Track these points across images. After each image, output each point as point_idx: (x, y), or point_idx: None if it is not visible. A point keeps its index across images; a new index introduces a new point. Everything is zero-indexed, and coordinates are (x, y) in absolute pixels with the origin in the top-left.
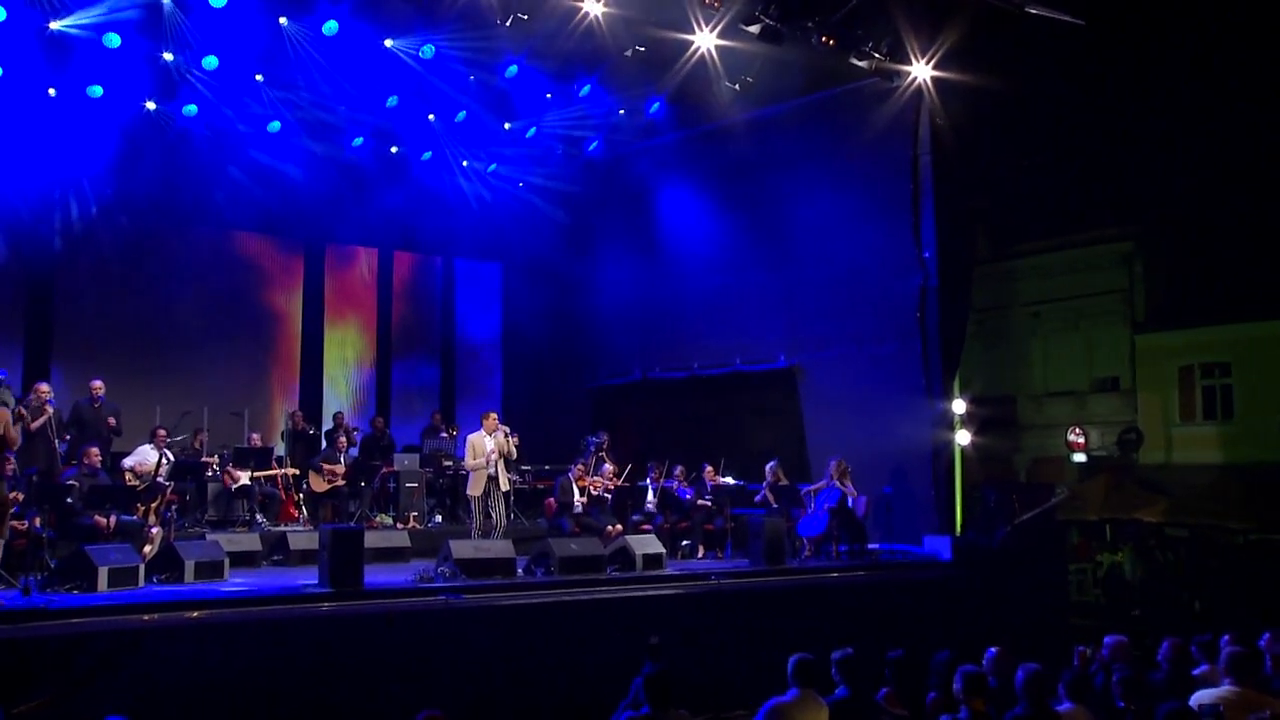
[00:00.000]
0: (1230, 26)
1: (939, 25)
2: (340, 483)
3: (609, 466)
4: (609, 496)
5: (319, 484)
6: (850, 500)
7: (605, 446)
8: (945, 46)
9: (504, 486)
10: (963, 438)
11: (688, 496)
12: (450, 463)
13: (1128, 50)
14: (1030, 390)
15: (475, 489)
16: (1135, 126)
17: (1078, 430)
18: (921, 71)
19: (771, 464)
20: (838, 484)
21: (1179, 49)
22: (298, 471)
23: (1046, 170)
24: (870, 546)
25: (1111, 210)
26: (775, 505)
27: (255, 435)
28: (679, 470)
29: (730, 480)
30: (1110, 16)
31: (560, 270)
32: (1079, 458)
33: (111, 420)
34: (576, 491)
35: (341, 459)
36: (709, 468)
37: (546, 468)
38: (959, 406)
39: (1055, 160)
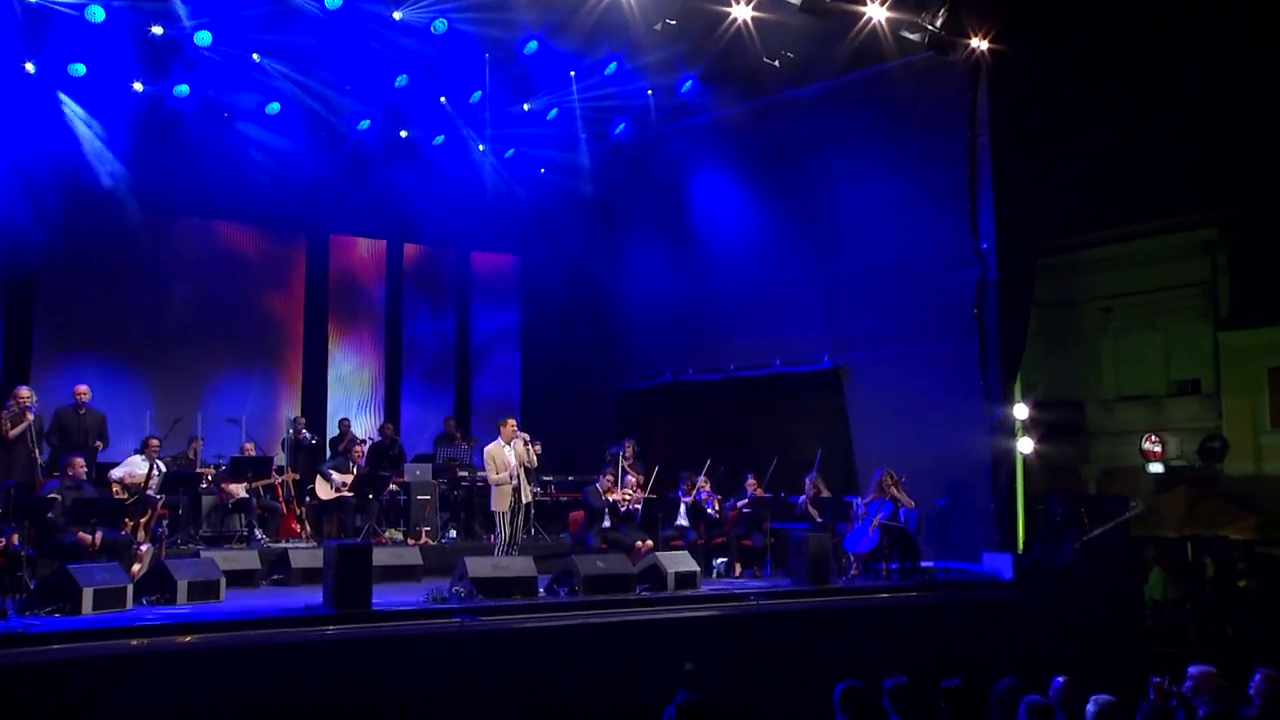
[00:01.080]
0: None
1: None
2: (347, 494)
3: (632, 477)
4: (638, 510)
5: (325, 490)
6: (902, 514)
7: (629, 456)
8: (1007, 15)
9: (525, 499)
10: (1025, 446)
11: (718, 508)
12: (466, 473)
13: (1208, 16)
14: (1100, 394)
15: (501, 503)
16: (1217, 101)
17: (1154, 438)
18: (980, 44)
19: (812, 474)
20: (888, 496)
21: (1265, 13)
22: (298, 476)
23: (1118, 151)
24: (924, 564)
25: (1191, 194)
26: (819, 519)
27: (251, 444)
28: (703, 480)
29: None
30: None
31: (584, 264)
32: (1155, 468)
33: (97, 428)
34: (605, 504)
35: (354, 468)
36: (751, 479)
37: (570, 479)
38: (1021, 411)
39: (1127, 140)
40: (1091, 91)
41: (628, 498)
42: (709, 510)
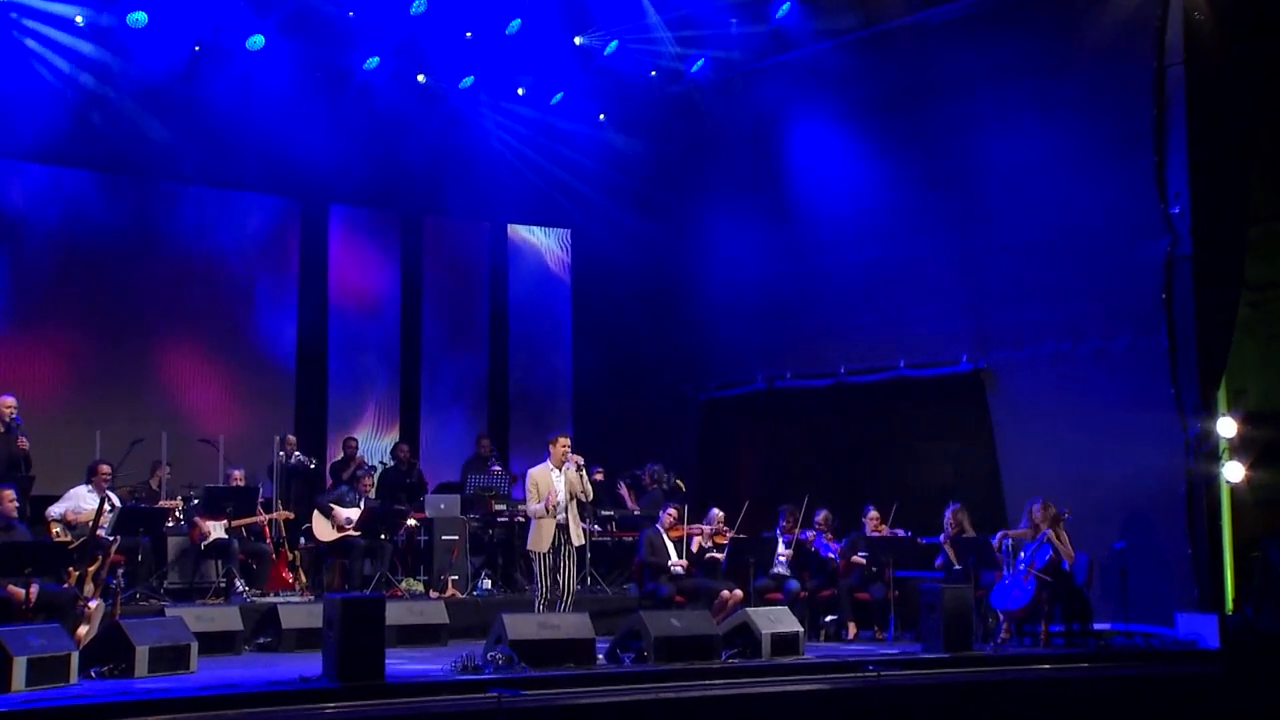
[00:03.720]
0: None
1: None
2: (353, 533)
3: (673, 510)
4: (720, 553)
5: (326, 530)
6: (1065, 561)
7: (660, 484)
8: None
9: (577, 540)
10: (1232, 472)
11: (832, 553)
12: (504, 506)
13: None
14: None
15: (540, 543)
16: None
17: None
18: None
19: (952, 507)
20: (1047, 537)
21: None
22: (292, 516)
23: None
24: (1097, 626)
25: None
26: (958, 566)
27: (236, 471)
28: (821, 516)
29: (895, 531)
30: None
31: (652, 239)
32: None
33: (23, 443)
34: (670, 546)
35: (361, 501)
36: (872, 511)
37: (636, 513)
38: (1226, 427)
39: None
40: None
41: (703, 536)
42: (829, 554)
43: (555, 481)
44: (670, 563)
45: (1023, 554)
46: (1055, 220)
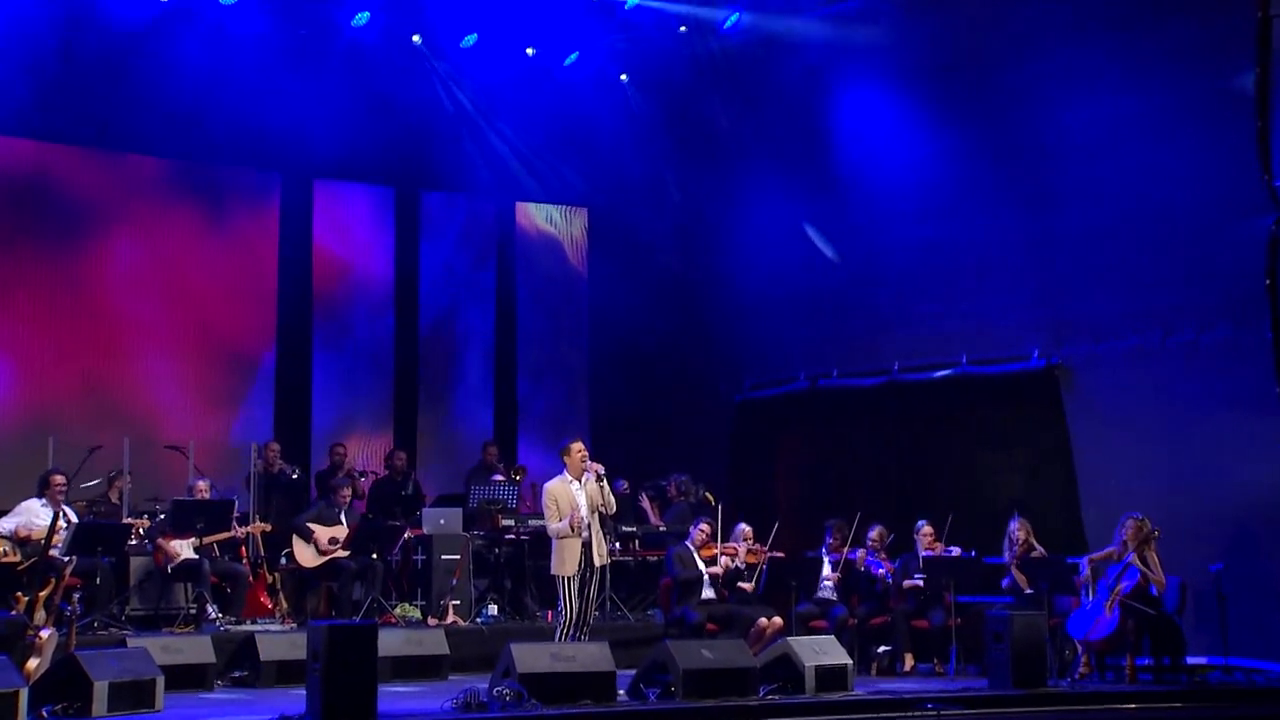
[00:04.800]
0: None
1: None
2: (341, 553)
3: (705, 526)
4: (751, 575)
5: (307, 556)
6: (1154, 586)
7: (687, 497)
8: None
9: (600, 560)
10: None
11: (883, 571)
12: (511, 521)
13: None
14: None
15: (567, 565)
16: None
17: None
18: None
19: (1017, 522)
20: (1134, 558)
21: None
22: (269, 528)
23: None
24: (1190, 660)
25: None
26: (1029, 590)
27: (200, 482)
28: (875, 532)
29: (955, 550)
30: None
31: (679, 219)
32: None
33: None
34: (702, 566)
35: (343, 518)
36: (925, 527)
37: (661, 529)
38: None
39: None
40: None
41: (734, 555)
42: (871, 574)
43: (575, 494)
44: (705, 569)
45: (1105, 577)
46: (1140, 196)
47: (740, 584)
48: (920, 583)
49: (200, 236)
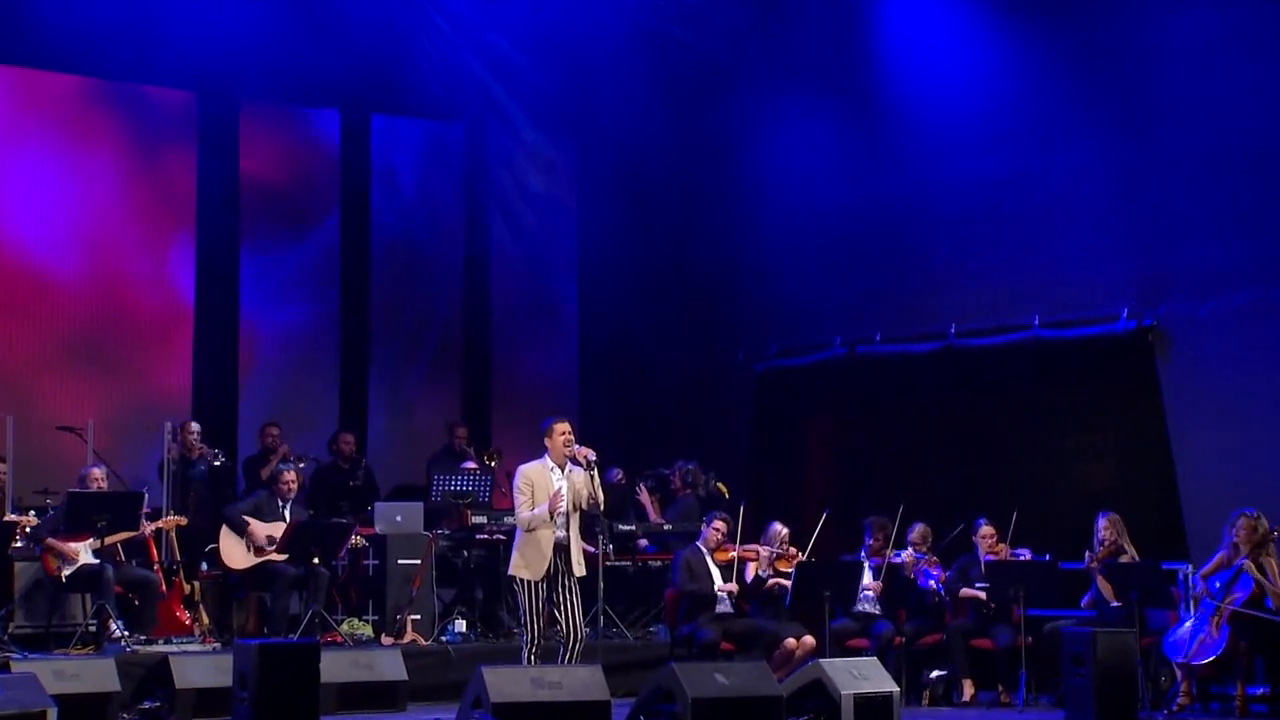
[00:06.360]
0: None
1: None
2: (275, 557)
3: (720, 524)
4: (784, 581)
5: (238, 554)
6: (1270, 598)
7: (695, 489)
8: None
9: (579, 569)
10: None
11: (933, 582)
12: (484, 518)
13: None
14: None
15: (530, 566)
16: None
17: None
18: None
19: (1105, 519)
20: (1246, 563)
21: None
22: (184, 522)
23: None
24: None
25: None
26: (1115, 603)
27: (95, 470)
28: (917, 531)
29: (1025, 553)
30: None
31: (689, 155)
32: None
33: None
34: (717, 573)
35: (288, 513)
36: (985, 527)
37: (666, 527)
38: None
39: None
40: None
41: (756, 559)
42: (924, 583)
43: (555, 482)
44: (717, 587)
45: (1211, 587)
46: (1252, 123)
47: (778, 578)
48: (982, 594)
49: (100, 170)
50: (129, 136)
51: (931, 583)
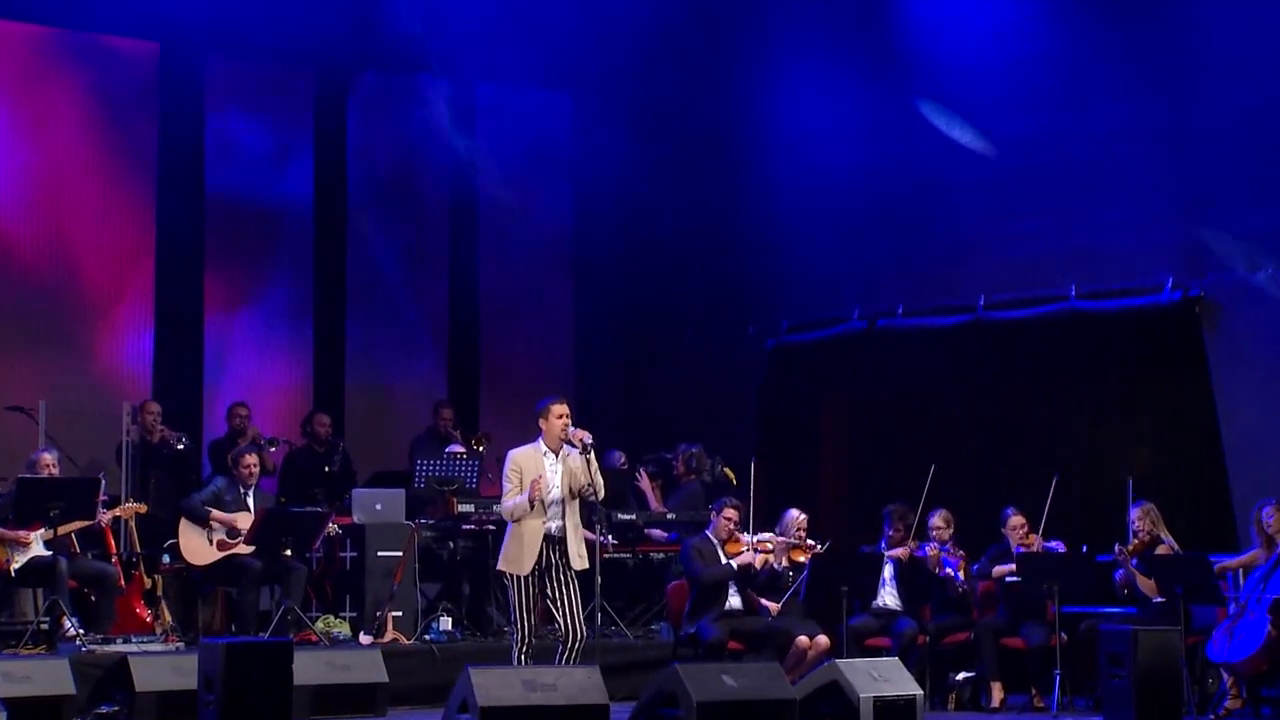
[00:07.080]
0: None
1: None
2: (242, 550)
3: (732, 511)
4: (797, 575)
5: (200, 548)
6: None
7: (700, 474)
8: None
9: (579, 563)
10: None
11: (954, 571)
12: (471, 507)
13: None
14: None
15: (519, 560)
16: None
17: None
18: None
19: (1138, 509)
20: None
21: None
22: (144, 509)
23: None
24: None
25: None
26: (1159, 598)
27: (46, 455)
28: (938, 517)
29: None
30: None
31: (694, 111)
32: None
33: None
34: (731, 566)
35: (250, 501)
36: (1014, 517)
37: (669, 516)
38: None
39: None
40: None
41: (769, 550)
42: (948, 577)
43: (548, 467)
44: (736, 562)
45: (1250, 580)
46: None
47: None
48: (1014, 585)
49: (50, 127)
50: (88, 90)
51: (949, 570)
